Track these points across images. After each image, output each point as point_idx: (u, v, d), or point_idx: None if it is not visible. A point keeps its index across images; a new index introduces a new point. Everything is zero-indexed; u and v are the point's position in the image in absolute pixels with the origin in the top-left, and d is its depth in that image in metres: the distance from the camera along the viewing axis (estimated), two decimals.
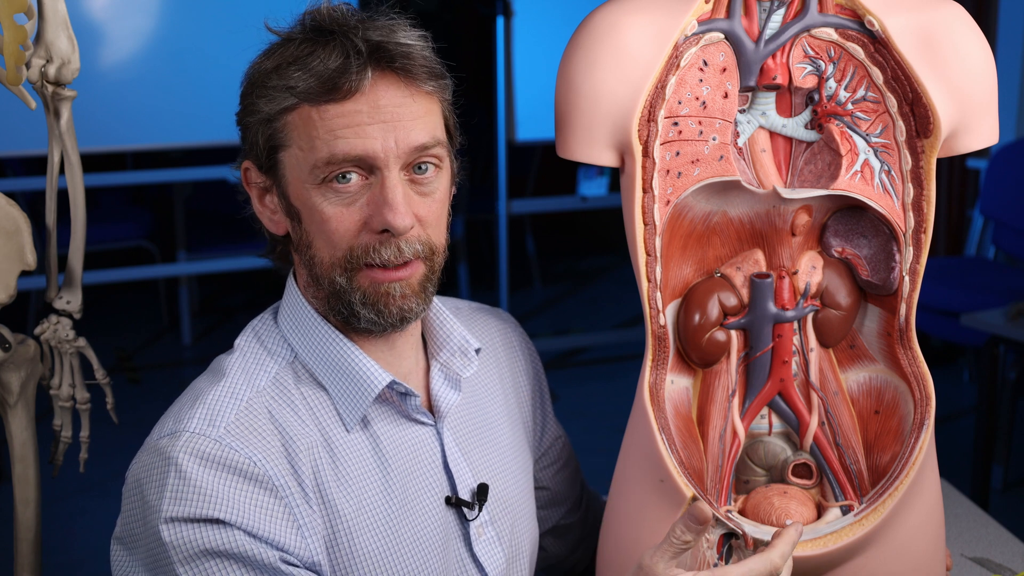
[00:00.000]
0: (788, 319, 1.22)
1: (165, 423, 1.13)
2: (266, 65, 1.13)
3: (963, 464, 3.19)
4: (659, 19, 1.16)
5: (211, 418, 1.10)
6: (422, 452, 1.21)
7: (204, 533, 1.05)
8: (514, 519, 1.29)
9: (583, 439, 3.47)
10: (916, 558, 1.24)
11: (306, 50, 1.11)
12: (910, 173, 1.19)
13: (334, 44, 1.10)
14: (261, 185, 1.17)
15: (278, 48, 1.14)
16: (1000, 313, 3.01)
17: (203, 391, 1.14)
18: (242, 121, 1.17)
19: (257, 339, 1.20)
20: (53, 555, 3.01)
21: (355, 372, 1.16)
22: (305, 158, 1.11)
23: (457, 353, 1.25)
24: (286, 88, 1.10)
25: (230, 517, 1.05)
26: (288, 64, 1.11)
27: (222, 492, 1.06)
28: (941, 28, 1.17)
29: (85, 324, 1.62)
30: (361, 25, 1.11)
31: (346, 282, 1.13)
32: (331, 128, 1.09)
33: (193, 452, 1.07)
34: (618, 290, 5.50)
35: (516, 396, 1.37)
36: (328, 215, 1.11)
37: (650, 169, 1.16)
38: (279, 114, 1.12)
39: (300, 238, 1.16)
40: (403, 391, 1.18)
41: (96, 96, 3.64)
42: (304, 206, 1.13)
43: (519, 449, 1.34)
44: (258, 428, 1.11)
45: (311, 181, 1.11)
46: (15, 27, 1.44)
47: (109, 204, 5.13)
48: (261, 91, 1.13)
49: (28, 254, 1.48)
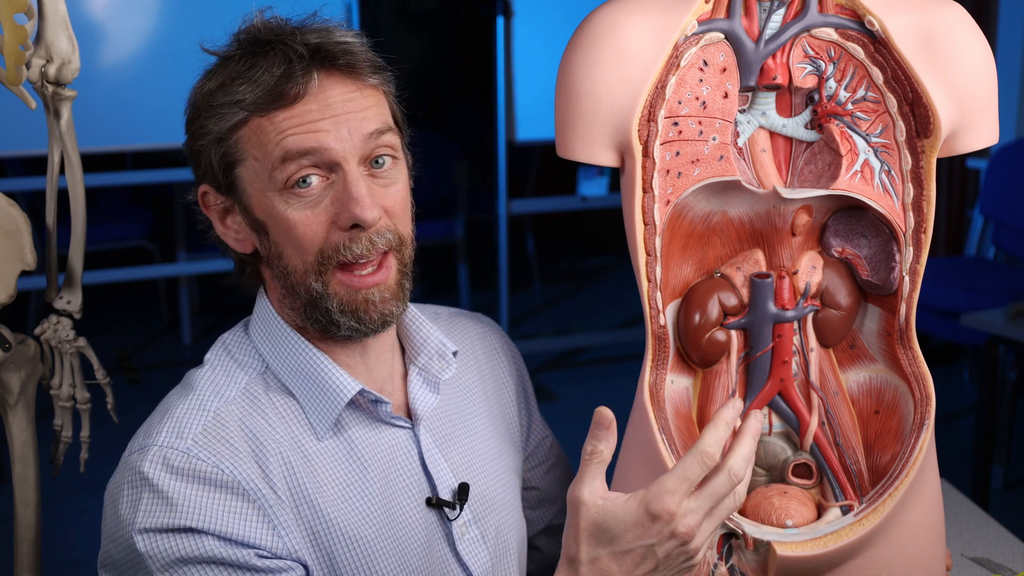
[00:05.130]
0: (788, 319, 1.22)
1: (136, 439, 1.14)
2: (209, 86, 1.14)
3: (963, 464, 3.19)
4: (659, 19, 1.16)
5: (178, 431, 1.11)
6: (399, 455, 1.21)
7: (177, 542, 1.06)
8: (499, 518, 1.29)
9: (583, 439, 3.47)
10: (916, 558, 1.24)
11: (247, 64, 1.12)
12: (910, 173, 1.19)
13: (274, 53, 1.11)
14: (221, 206, 1.18)
15: (218, 69, 1.14)
16: (1000, 313, 3.01)
17: (172, 405, 1.15)
18: (193, 147, 1.17)
19: (227, 352, 1.21)
20: (53, 555, 3.01)
21: (324, 381, 1.16)
22: (262, 167, 1.12)
23: (435, 356, 1.26)
24: (234, 103, 1.11)
25: (201, 524, 1.07)
26: (232, 80, 1.12)
27: (192, 501, 1.07)
28: (941, 28, 1.17)
29: (85, 324, 1.62)
30: (298, 31, 1.13)
31: (322, 287, 1.13)
32: (282, 130, 1.10)
33: (162, 464, 1.09)
34: (618, 290, 5.50)
35: (498, 397, 1.38)
36: (294, 221, 1.11)
37: (650, 169, 1.16)
38: (230, 131, 1.12)
39: (269, 251, 1.16)
40: (373, 398, 1.19)
41: (96, 96, 3.64)
42: (269, 216, 1.13)
43: (502, 449, 1.34)
44: (226, 437, 1.12)
45: (272, 188, 1.12)
46: (15, 27, 1.44)
47: (109, 204, 5.14)
48: (208, 112, 1.13)
49: (28, 254, 1.48)
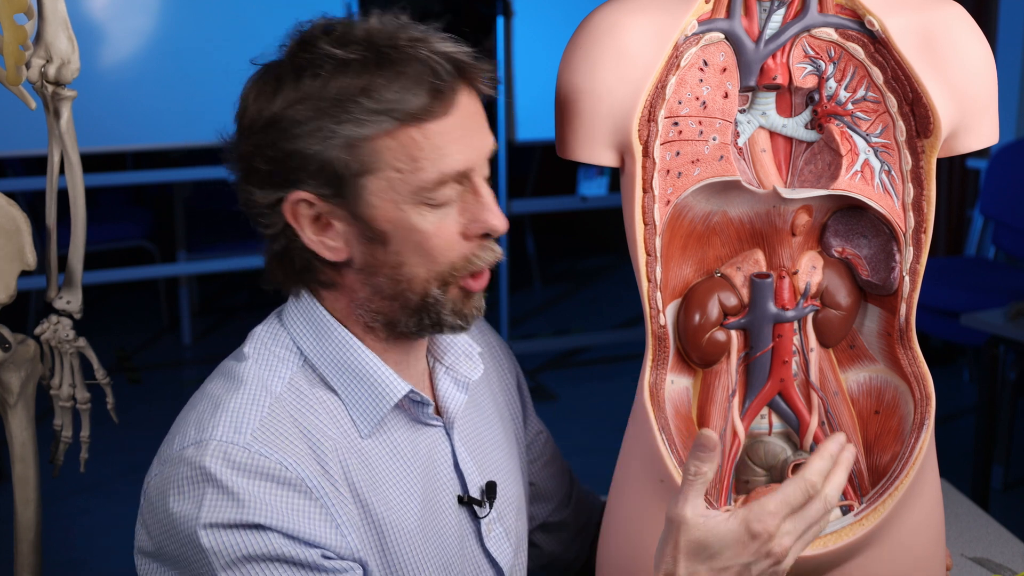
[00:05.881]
0: (788, 319, 1.22)
1: (187, 432, 1.11)
2: (336, 87, 1.05)
3: (963, 464, 3.19)
4: (659, 19, 1.16)
5: (236, 425, 1.09)
6: (435, 453, 1.22)
7: (244, 538, 1.05)
8: (517, 513, 1.31)
9: (583, 439, 3.48)
10: (916, 558, 1.24)
11: (390, 71, 1.06)
12: (910, 173, 1.19)
13: (417, 62, 1.06)
14: (320, 213, 1.10)
15: (335, 69, 1.06)
16: (1000, 313, 3.01)
17: (222, 399, 1.12)
18: (287, 148, 1.07)
19: (265, 346, 1.18)
20: (53, 555, 3.01)
21: (373, 380, 1.15)
22: (405, 179, 1.07)
23: (462, 356, 1.25)
24: (383, 112, 1.05)
25: (268, 521, 1.05)
26: (377, 86, 1.05)
27: (258, 497, 1.06)
28: (941, 28, 1.17)
29: (85, 324, 1.62)
30: (428, 38, 1.09)
31: (441, 294, 1.12)
32: (437, 146, 1.07)
33: (224, 460, 1.06)
34: (618, 290, 5.50)
35: (504, 394, 1.39)
36: (429, 231, 1.09)
37: (650, 169, 1.16)
38: (370, 138, 1.06)
39: (381, 260, 1.11)
40: (418, 399, 1.18)
41: (96, 96, 3.64)
42: (397, 227, 1.09)
43: (513, 446, 1.36)
44: (283, 432, 1.10)
45: (409, 201, 1.08)
46: (15, 27, 1.44)
47: (109, 204, 5.13)
48: (338, 115, 1.05)
49: (28, 254, 1.48)
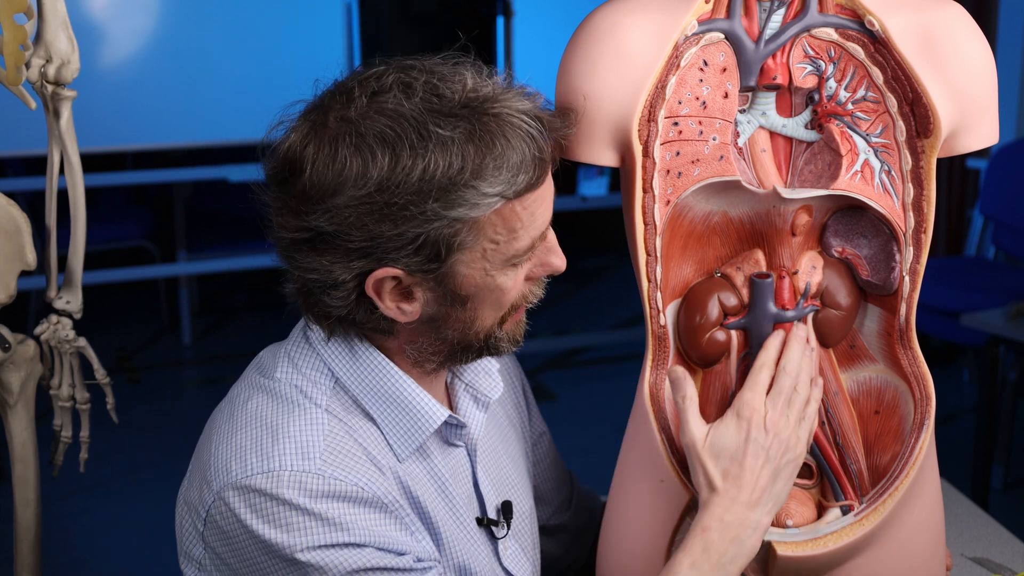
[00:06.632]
0: (788, 319, 1.22)
1: (246, 460, 1.08)
2: (445, 170, 1.02)
3: (963, 464, 3.19)
4: (659, 19, 1.16)
5: (303, 452, 1.08)
6: (459, 473, 1.22)
7: (343, 555, 1.06)
8: (531, 527, 1.31)
9: (583, 439, 3.49)
10: (916, 558, 1.24)
11: (494, 145, 1.03)
12: (910, 173, 1.19)
13: (510, 130, 1.05)
14: (404, 286, 1.08)
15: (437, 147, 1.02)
16: (1000, 313, 3.01)
17: (278, 424, 1.10)
18: (392, 232, 1.03)
19: (295, 365, 1.15)
20: (53, 555, 3.01)
21: (412, 407, 1.15)
22: (500, 249, 1.07)
23: (481, 373, 1.25)
24: (496, 195, 1.04)
25: (358, 539, 1.07)
26: (485, 167, 1.03)
27: (345, 519, 1.07)
28: (941, 28, 1.17)
29: (85, 324, 1.62)
30: (505, 95, 1.08)
31: (500, 331, 1.14)
32: (532, 213, 1.08)
33: (301, 490, 1.06)
34: (618, 290, 5.50)
35: (514, 404, 1.38)
36: (508, 287, 1.11)
37: (650, 169, 1.16)
38: (478, 218, 1.05)
39: (454, 317, 1.11)
40: (455, 423, 1.19)
41: (96, 96, 3.64)
42: (481, 289, 1.10)
43: (524, 457, 1.36)
44: (348, 451, 1.10)
45: (499, 268, 1.09)
46: (15, 27, 1.44)
47: (109, 204, 5.13)
48: (450, 199, 1.02)
49: (28, 254, 1.48)
